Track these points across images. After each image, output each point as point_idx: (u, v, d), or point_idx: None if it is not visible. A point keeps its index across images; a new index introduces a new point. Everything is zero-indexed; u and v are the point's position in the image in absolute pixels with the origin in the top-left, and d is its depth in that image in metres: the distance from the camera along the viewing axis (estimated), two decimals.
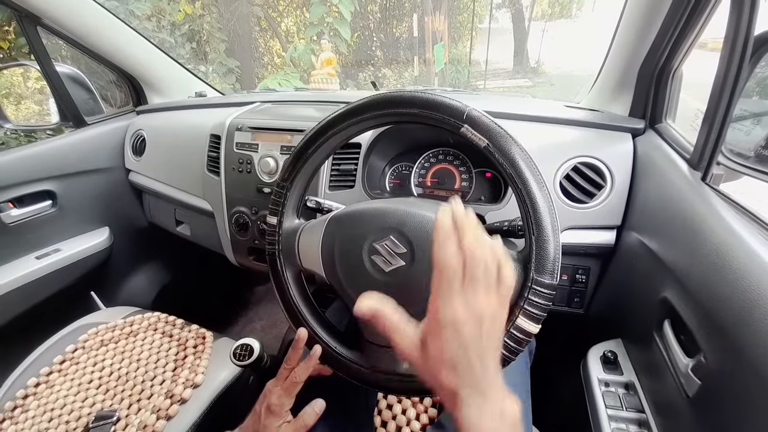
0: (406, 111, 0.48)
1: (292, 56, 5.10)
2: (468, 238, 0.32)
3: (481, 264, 0.32)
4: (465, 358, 0.31)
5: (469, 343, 0.31)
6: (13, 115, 2.61)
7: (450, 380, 0.31)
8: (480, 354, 0.31)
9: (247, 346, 0.64)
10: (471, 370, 0.31)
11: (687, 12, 0.62)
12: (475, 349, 0.31)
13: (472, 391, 0.31)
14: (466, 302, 0.31)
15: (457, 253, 0.32)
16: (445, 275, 0.32)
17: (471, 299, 0.31)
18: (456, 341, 0.31)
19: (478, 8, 7.82)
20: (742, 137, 0.54)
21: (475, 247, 0.32)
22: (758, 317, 0.35)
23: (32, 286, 1.00)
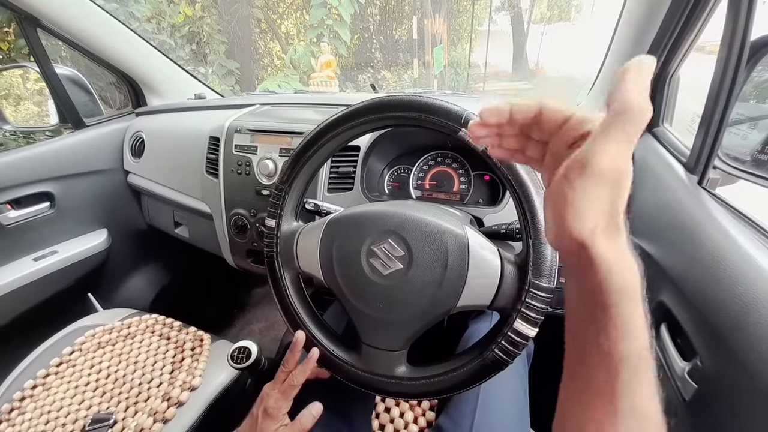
0: (405, 114, 0.48)
1: (291, 58, 5.12)
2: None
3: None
4: (608, 215, 0.26)
5: (619, 204, 0.26)
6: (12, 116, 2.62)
7: (587, 236, 0.26)
8: (620, 216, 0.26)
9: (244, 348, 0.64)
10: (612, 224, 0.26)
11: (684, 16, 0.62)
12: (619, 209, 0.26)
13: (609, 244, 0.26)
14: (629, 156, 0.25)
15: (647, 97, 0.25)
16: (629, 117, 0.24)
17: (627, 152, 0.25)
18: (609, 195, 0.25)
19: (477, 11, 7.85)
20: (738, 141, 0.54)
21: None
22: (754, 321, 0.35)
23: (29, 288, 0.99)
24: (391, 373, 0.50)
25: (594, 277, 0.25)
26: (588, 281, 0.26)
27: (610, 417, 0.25)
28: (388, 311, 0.49)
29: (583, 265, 0.26)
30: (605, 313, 0.25)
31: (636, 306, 0.25)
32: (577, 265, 0.27)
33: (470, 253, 0.46)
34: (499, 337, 0.45)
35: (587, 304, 0.27)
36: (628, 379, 0.24)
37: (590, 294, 0.26)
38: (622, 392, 0.24)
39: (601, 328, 0.25)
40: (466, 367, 0.47)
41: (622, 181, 0.25)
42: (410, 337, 0.50)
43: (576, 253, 0.26)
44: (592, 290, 0.26)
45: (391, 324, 0.50)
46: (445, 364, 0.49)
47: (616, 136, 0.25)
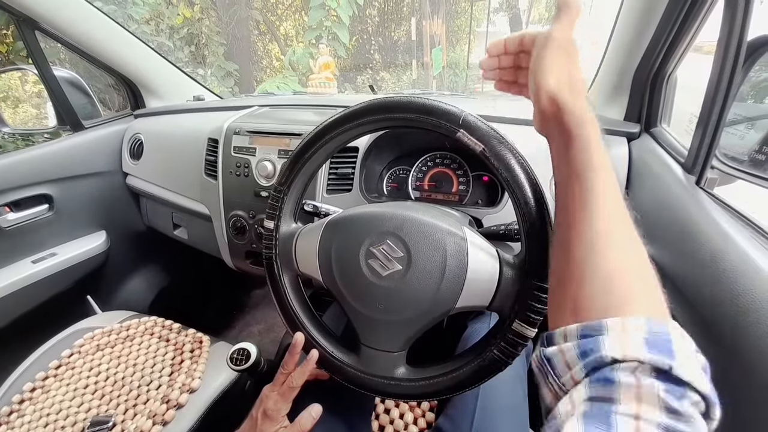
0: (403, 116, 0.48)
1: (290, 60, 5.12)
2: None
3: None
4: (568, 74, 0.36)
5: (574, 66, 0.37)
6: (11, 118, 2.61)
7: (554, 88, 0.36)
8: (580, 79, 0.37)
9: (244, 350, 0.64)
10: (573, 83, 0.36)
11: (681, 17, 0.63)
12: (576, 70, 0.37)
13: (571, 97, 0.36)
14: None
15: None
16: (566, 9, 0.38)
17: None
18: (566, 58, 0.37)
19: (475, 12, 7.87)
20: (736, 141, 0.54)
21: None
22: (752, 321, 0.35)
23: (28, 290, 0.99)
24: (391, 374, 0.50)
25: (562, 118, 0.35)
26: (559, 124, 0.36)
27: (583, 207, 0.32)
28: (387, 312, 0.49)
29: (555, 112, 0.36)
30: (570, 137, 0.34)
31: (593, 132, 0.34)
32: (551, 114, 0.37)
33: (469, 254, 0.46)
34: (498, 338, 0.45)
35: (562, 139, 0.35)
36: (592, 178, 0.32)
37: (563, 133, 0.35)
38: (588, 188, 0.32)
39: (570, 149, 0.34)
40: (466, 367, 0.47)
41: (571, 48, 0.38)
42: (409, 338, 0.50)
43: (548, 105, 0.37)
44: (563, 129, 0.35)
45: (390, 325, 0.50)
46: (445, 365, 0.49)
47: (561, 20, 0.38)
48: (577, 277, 0.29)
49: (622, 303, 0.26)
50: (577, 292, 0.28)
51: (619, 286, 0.27)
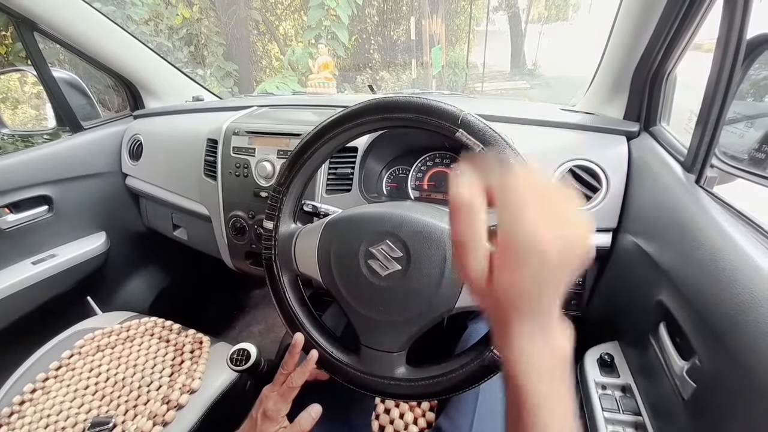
0: (402, 116, 0.48)
1: (290, 59, 5.12)
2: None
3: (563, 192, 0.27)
4: (536, 289, 0.26)
5: (547, 271, 0.25)
6: (10, 119, 2.61)
7: (512, 311, 0.26)
8: (554, 284, 0.26)
9: (244, 351, 0.64)
10: (539, 302, 0.26)
11: (680, 15, 0.63)
12: (551, 278, 0.26)
13: (531, 324, 0.26)
14: (552, 218, 0.25)
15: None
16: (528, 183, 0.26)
17: (557, 215, 0.25)
18: (533, 267, 0.25)
19: (475, 11, 7.86)
20: (735, 140, 0.54)
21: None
22: (752, 320, 0.35)
23: (28, 291, 0.99)
24: (391, 374, 0.50)
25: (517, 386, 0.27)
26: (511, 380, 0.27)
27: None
28: (386, 312, 0.49)
29: (501, 339, 0.28)
30: (524, 410, 0.26)
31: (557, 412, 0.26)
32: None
33: None
34: None
35: (513, 397, 0.27)
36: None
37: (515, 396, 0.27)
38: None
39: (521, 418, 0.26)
40: (466, 368, 0.47)
41: (545, 252, 0.25)
42: (409, 339, 0.50)
43: (501, 328, 0.28)
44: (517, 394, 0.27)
45: (390, 325, 0.50)
46: (445, 365, 0.49)
47: (516, 206, 0.26)
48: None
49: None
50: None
51: None
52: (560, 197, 0.26)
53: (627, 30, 0.71)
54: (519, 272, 0.25)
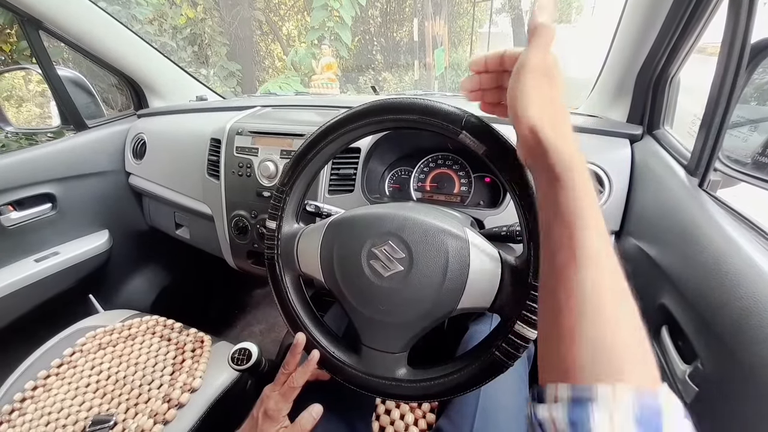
0: (405, 117, 0.48)
1: (293, 60, 5.13)
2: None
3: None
4: (549, 102, 0.34)
5: (555, 93, 0.35)
6: (15, 118, 2.63)
7: (535, 122, 0.33)
8: (563, 112, 0.35)
9: (245, 350, 0.64)
10: (556, 113, 0.34)
11: (684, 19, 0.63)
12: (557, 98, 0.35)
13: (554, 133, 0.33)
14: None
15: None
16: (540, 31, 0.36)
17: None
18: (546, 84, 0.34)
19: (478, 13, 7.86)
20: (739, 144, 0.54)
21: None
22: (755, 324, 0.35)
23: (31, 289, 1.00)
24: (392, 375, 0.50)
25: (546, 157, 0.32)
26: (543, 162, 0.32)
27: (572, 263, 0.29)
28: (388, 313, 0.49)
29: (536, 147, 0.33)
30: (557, 180, 0.31)
31: (582, 178, 0.31)
32: (533, 149, 0.33)
33: (471, 255, 0.46)
34: (499, 340, 0.45)
35: (547, 180, 0.32)
36: (582, 227, 0.30)
37: (548, 173, 0.32)
38: (578, 242, 0.29)
39: (557, 193, 0.31)
40: (467, 369, 0.47)
41: (551, 72, 0.35)
42: (411, 339, 0.50)
43: (530, 139, 0.33)
44: (548, 170, 0.32)
45: (392, 326, 0.50)
46: (446, 367, 0.49)
47: (535, 45, 0.36)
48: (566, 340, 0.27)
49: (613, 372, 0.25)
50: (566, 354, 0.27)
51: (610, 353, 0.26)
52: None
53: (631, 33, 0.71)
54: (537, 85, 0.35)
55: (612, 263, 0.29)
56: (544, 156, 0.32)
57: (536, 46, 0.36)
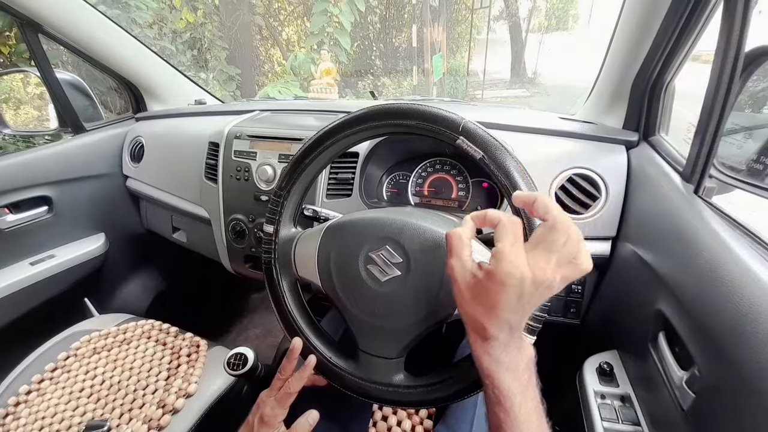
0: (403, 122, 0.48)
1: (292, 65, 5.14)
2: (556, 210, 0.34)
3: (564, 234, 0.33)
4: (512, 313, 0.34)
5: (524, 303, 0.33)
6: (12, 120, 2.62)
7: (489, 323, 0.34)
8: (525, 311, 0.34)
9: (241, 355, 0.63)
10: (511, 320, 0.34)
11: (679, 27, 0.63)
12: (524, 307, 0.34)
13: (503, 333, 0.34)
14: (536, 265, 0.33)
15: (550, 213, 0.34)
16: (512, 223, 0.35)
17: (542, 264, 0.33)
18: (514, 298, 0.33)
19: (476, 20, 7.93)
20: (734, 151, 0.55)
21: (564, 218, 0.34)
22: (750, 330, 0.35)
23: (26, 292, 0.99)
24: (389, 381, 0.50)
25: (497, 393, 0.35)
26: (494, 392, 0.35)
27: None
28: (385, 318, 0.49)
29: (488, 377, 0.35)
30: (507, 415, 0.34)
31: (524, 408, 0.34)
32: (484, 374, 0.35)
33: None
34: None
35: (495, 407, 0.35)
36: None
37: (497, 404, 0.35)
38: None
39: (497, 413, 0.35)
40: (464, 375, 0.47)
41: (524, 288, 0.33)
42: (408, 345, 0.50)
43: (481, 361, 0.36)
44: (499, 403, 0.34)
45: (389, 331, 0.50)
46: (443, 373, 0.49)
47: (504, 241, 0.34)
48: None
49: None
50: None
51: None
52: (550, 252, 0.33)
53: (627, 40, 0.72)
54: (498, 297, 0.33)
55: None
56: (495, 390, 0.35)
57: (507, 245, 0.34)
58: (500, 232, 0.34)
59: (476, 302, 0.35)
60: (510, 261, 0.32)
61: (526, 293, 0.32)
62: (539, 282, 0.32)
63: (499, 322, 0.34)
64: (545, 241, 0.33)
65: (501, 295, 0.33)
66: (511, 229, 0.34)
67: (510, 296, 0.33)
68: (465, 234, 0.37)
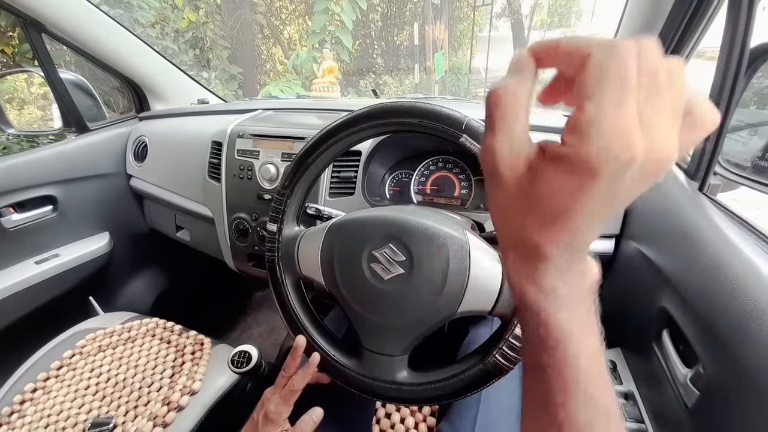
0: (406, 120, 0.48)
1: (294, 63, 5.15)
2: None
3: (655, 71, 0.17)
4: (592, 223, 0.20)
5: (617, 203, 0.19)
6: (16, 120, 2.63)
7: (548, 242, 0.20)
8: (610, 216, 0.20)
9: (245, 353, 0.64)
10: (587, 235, 0.20)
11: (684, 23, 0.63)
12: (613, 209, 0.19)
13: (565, 254, 0.21)
14: (655, 126, 0.17)
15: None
16: (614, 58, 0.17)
17: (661, 122, 0.17)
18: (605, 196, 0.18)
19: (478, 17, 7.90)
20: (739, 148, 0.55)
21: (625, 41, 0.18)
22: (755, 328, 0.35)
23: (31, 291, 0.99)
24: (392, 378, 0.50)
25: (542, 328, 0.22)
26: (536, 330, 0.22)
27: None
28: (389, 316, 0.49)
29: (529, 311, 0.23)
30: (554, 362, 0.22)
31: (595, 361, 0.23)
32: (522, 306, 0.23)
33: (471, 258, 0.46)
34: (500, 343, 0.45)
35: (536, 351, 0.23)
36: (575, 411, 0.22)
37: (540, 344, 0.23)
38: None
39: (549, 377, 0.23)
40: (467, 372, 0.47)
41: (625, 171, 0.17)
42: (411, 343, 0.50)
43: (519, 293, 0.23)
44: (540, 340, 0.22)
45: (392, 329, 0.50)
46: (446, 370, 0.49)
47: (600, 95, 0.17)
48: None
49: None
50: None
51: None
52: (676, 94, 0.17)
53: (630, 37, 0.71)
54: (577, 198, 0.18)
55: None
56: (538, 325, 0.22)
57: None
58: (590, 77, 0.17)
59: (529, 208, 0.20)
60: (613, 129, 0.16)
61: (628, 184, 0.18)
62: (654, 161, 0.17)
63: (568, 239, 0.20)
64: (647, 85, 0.17)
65: (583, 194, 0.18)
66: (615, 68, 0.17)
67: (600, 195, 0.18)
68: (522, 91, 0.20)
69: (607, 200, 0.18)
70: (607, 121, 0.16)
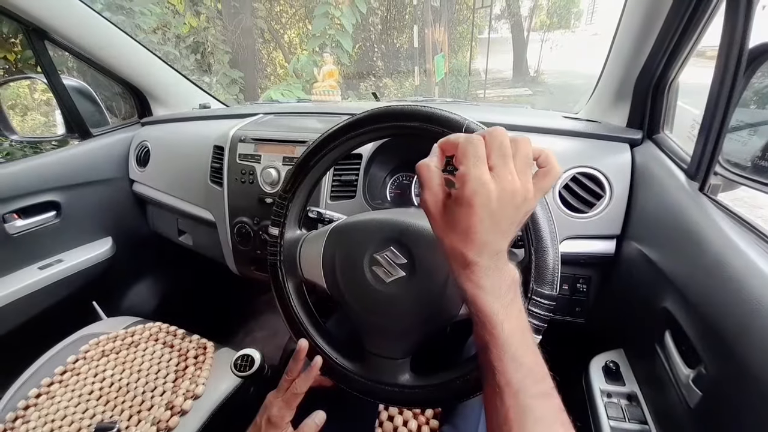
0: (407, 124, 0.48)
1: (294, 67, 5.17)
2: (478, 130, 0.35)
3: (507, 139, 0.32)
4: (488, 234, 0.32)
5: (499, 221, 0.31)
6: (20, 126, 2.65)
7: (467, 249, 0.32)
8: (503, 229, 0.32)
9: (248, 356, 0.64)
10: (489, 242, 0.32)
11: (683, 24, 0.63)
12: (500, 226, 0.32)
13: (483, 258, 0.32)
14: (502, 177, 0.31)
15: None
16: (470, 143, 0.32)
17: (505, 174, 0.31)
18: (486, 217, 0.31)
19: (477, 19, 7.92)
20: (739, 148, 0.54)
21: (495, 128, 0.33)
22: (758, 327, 0.35)
23: (35, 296, 1.00)
24: (395, 381, 0.50)
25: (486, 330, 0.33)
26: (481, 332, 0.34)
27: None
28: (391, 319, 0.49)
29: (461, 271, 0.34)
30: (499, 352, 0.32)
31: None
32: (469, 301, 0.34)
33: None
34: None
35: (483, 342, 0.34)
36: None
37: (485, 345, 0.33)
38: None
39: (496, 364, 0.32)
40: (470, 375, 0.47)
41: (492, 199, 0.31)
42: (413, 345, 0.50)
43: (460, 264, 0.34)
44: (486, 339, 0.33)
45: (395, 332, 0.50)
46: (449, 373, 0.49)
47: (469, 157, 0.32)
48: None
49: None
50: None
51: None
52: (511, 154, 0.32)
53: (630, 38, 0.72)
54: (470, 220, 0.31)
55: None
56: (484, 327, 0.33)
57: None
58: (460, 154, 0.32)
59: (451, 230, 0.33)
60: (473, 179, 0.30)
61: (498, 210, 0.31)
62: (509, 194, 0.31)
63: (477, 246, 0.32)
64: (494, 151, 0.32)
65: (472, 217, 0.31)
66: (471, 148, 0.32)
67: (482, 217, 0.31)
68: (433, 163, 0.35)
69: (491, 220, 0.31)
70: (470, 174, 0.31)
